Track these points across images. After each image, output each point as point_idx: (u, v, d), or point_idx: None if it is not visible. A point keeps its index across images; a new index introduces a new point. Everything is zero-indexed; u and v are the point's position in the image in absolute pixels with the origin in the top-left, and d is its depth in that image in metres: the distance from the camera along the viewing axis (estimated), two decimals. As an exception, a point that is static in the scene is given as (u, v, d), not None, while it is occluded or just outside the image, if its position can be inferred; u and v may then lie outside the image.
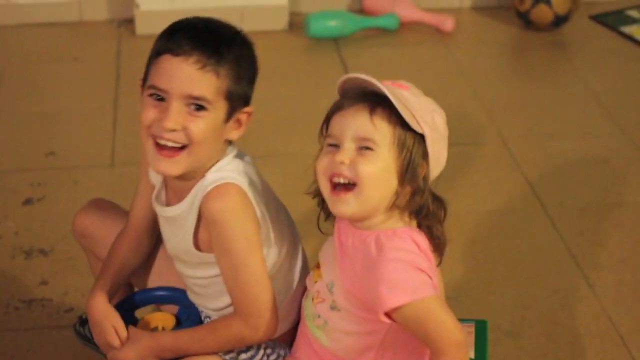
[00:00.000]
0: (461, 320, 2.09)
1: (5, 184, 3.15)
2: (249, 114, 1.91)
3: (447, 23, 4.22)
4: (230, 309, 1.93)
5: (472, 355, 2.02)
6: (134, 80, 3.85)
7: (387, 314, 1.72)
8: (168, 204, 1.97)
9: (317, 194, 1.85)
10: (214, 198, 1.84)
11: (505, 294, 2.71)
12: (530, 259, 2.85)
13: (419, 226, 1.80)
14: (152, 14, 4.07)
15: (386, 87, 1.73)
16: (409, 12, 4.28)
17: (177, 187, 1.93)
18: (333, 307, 1.82)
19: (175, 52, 1.80)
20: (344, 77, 1.78)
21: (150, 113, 1.83)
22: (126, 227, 2.10)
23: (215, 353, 1.91)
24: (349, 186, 1.74)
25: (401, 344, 1.81)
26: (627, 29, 4.26)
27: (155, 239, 2.12)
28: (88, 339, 2.24)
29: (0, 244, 2.85)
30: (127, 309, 2.08)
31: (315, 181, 1.82)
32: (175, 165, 1.85)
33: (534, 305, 2.66)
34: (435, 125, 1.76)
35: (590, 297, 2.70)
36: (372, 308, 1.73)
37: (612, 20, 4.34)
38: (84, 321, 2.30)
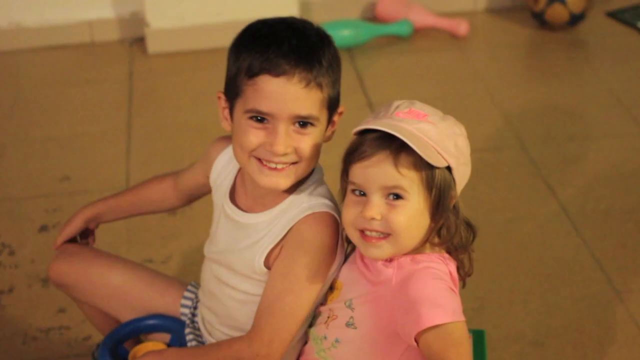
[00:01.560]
0: None
1: (20, 211, 3.13)
2: (341, 113, 1.87)
3: (462, 27, 4.17)
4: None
5: None
6: (147, 101, 3.83)
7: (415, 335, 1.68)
8: (240, 206, 1.90)
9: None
10: (311, 223, 1.79)
11: (529, 303, 2.66)
12: (554, 266, 2.80)
13: (449, 253, 1.78)
14: (163, 32, 4.05)
15: (405, 127, 1.68)
16: (422, 18, 4.23)
17: (259, 195, 1.86)
18: (349, 324, 1.78)
19: (275, 73, 1.73)
20: (363, 126, 1.73)
21: (253, 137, 1.76)
22: (168, 180, 2.13)
23: None
24: (382, 234, 1.71)
25: None
26: (645, 25, 4.21)
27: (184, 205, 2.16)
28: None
29: (17, 273, 2.83)
30: (118, 340, 2.07)
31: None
32: (286, 179, 1.79)
33: (559, 314, 2.61)
34: (458, 150, 1.72)
35: (617, 303, 2.64)
36: (397, 327, 1.70)
37: (628, 16, 4.28)
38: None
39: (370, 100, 3.66)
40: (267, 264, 1.83)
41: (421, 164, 1.67)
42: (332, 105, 1.81)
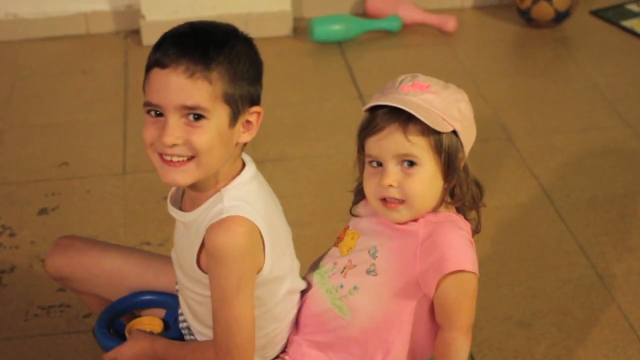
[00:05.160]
0: None
1: (20, 195, 3.20)
2: (259, 113, 1.84)
3: (450, 23, 4.27)
4: None
5: None
6: (142, 91, 3.89)
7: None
8: (182, 207, 1.94)
9: (359, 194, 1.96)
10: (218, 231, 1.78)
11: (515, 286, 2.75)
12: (539, 252, 2.89)
13: (461, 212, 1.91)
14: (158, 24, 4.11)
15: (410, 100, 1.81)
16: (411, 14, 4.33)
17: (192, 195, 1.88)
18: (370, 271, 1.88)
19: (163, 64, 1.75)
20: (373, 103, 1.85)
21: (150, 131, 1.79)
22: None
23: None
24: (399, 200, 1.85)
25: (421, 331, 1.87)
26: (628, 23, 4.30)
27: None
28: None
29: (18, 253, 2.90)
30: (115, 314, 2.14)
31: (359, 183, 1.93)
32: (185, 175, 1.80)
33: (544, 297, 2.71)
34: (462, 114, 1.85)
35: (599, 287, 2.73)
36: (418, 275, 1.82)
37: (612, 15, 4.38)
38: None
39: (361, 92, 3.75)
40: (200, 266, 1.87)
41: (429, 131, 1.80)
42: (234, 101, 1.79)
